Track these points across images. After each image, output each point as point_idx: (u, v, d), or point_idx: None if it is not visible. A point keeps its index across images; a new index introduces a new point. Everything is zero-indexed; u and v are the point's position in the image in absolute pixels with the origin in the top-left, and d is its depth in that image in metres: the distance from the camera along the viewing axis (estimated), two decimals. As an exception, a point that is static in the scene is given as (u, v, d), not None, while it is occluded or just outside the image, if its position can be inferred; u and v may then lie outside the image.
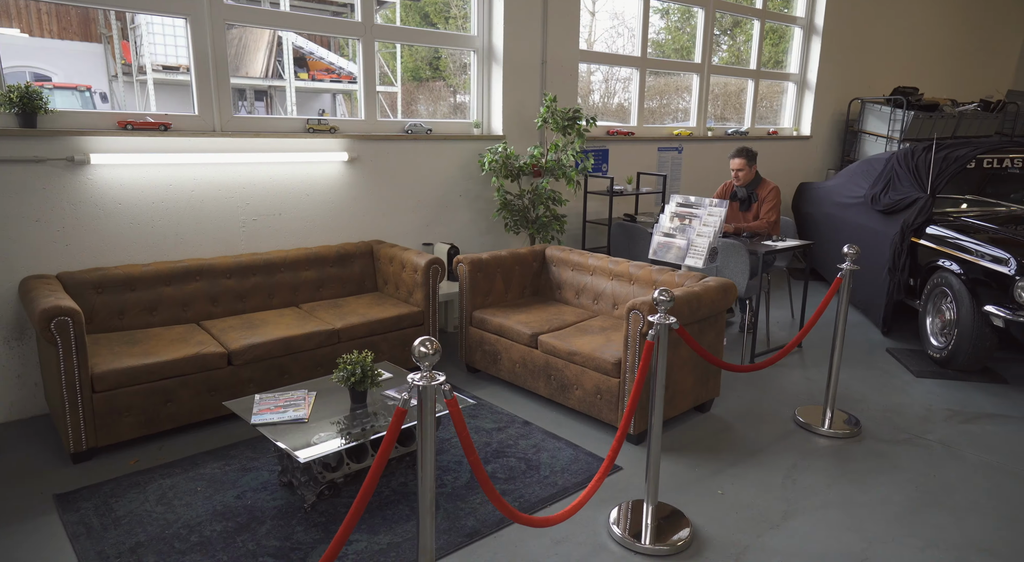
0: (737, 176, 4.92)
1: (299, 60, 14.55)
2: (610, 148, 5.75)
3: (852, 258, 3.34)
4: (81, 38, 12.07)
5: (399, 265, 4.06)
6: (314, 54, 14.43)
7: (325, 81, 14.61)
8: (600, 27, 7.13)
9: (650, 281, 3.73)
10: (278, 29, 3.58)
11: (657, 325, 2.44)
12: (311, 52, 14.41)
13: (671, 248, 3.71)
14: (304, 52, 14.53)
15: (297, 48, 14.05)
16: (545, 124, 4.66)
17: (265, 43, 12.51)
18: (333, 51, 14.78)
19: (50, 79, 11.50)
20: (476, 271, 3.95)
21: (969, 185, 5.24)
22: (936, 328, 4.37)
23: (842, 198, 5.91)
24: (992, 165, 5.15)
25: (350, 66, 14.20)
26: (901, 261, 4.71)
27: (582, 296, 4.06)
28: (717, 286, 3.40)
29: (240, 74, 12.65)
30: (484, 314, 3.89)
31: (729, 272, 4.31)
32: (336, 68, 14.91)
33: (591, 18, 6.81)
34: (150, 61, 10.87)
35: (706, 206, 3.69)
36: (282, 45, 12.55)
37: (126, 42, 11.36)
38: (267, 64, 12.59)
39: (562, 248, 4.25)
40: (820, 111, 7.59)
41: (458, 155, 4.77)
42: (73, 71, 11.85)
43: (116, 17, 11.41)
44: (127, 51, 11.36)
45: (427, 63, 13.35)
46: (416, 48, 13.83)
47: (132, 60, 11.15)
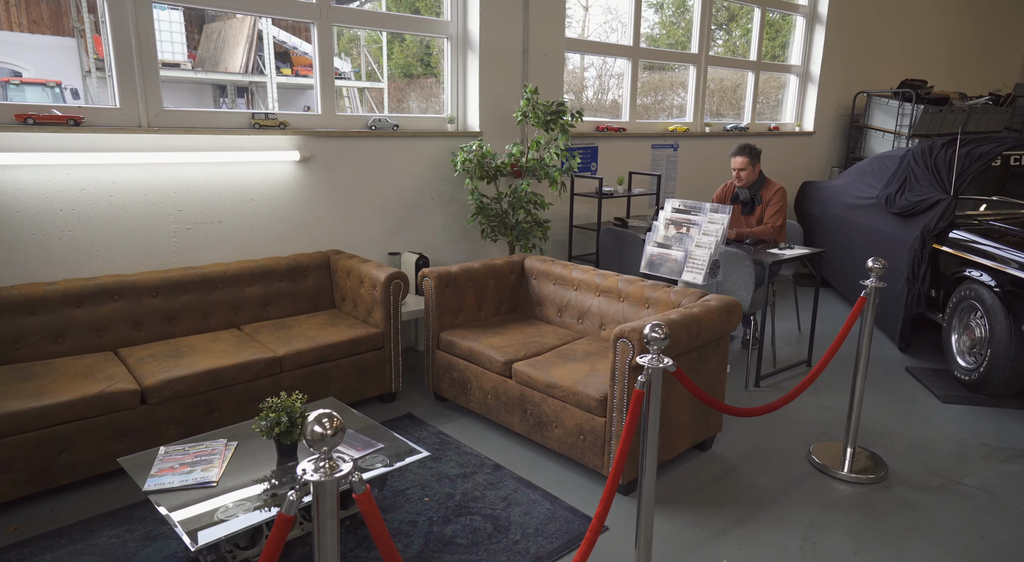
0: (739, 176, 4.39)
1: (282, 55, 13.96)
2: (599, 145, 5.22)
3: (878, 274, 2.82)
4: (53, 31, 11.47)
5: (357, 279, 3.52)
6: (297, 49, 13.85)
7: (309, 77, 14.03)
8: (594, 22, 6.60)
9: (642, 299, 3.20)
10: (216, 8, 3.02)
11: (649, 369, 1.91)
12: (294, 47, 13.82)
13: (666, 261, 3.19)
14: (287, 47, 13.94)
15: (279, 43, 13.46)
16: (525, 119, 4.12)
17: (245, 37, 11.93)
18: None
19: (20, 75, 10.92)
20: (443, 286, 3.42)
21: (988, 184, 4.72)
22: (964, 346, 3.85)
23: (851, 199, 5.39)
24: (1020, 162, 4.63)
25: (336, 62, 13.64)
26: (921, 270, 4.19)
27: (565, 314, 3.53)
28: (720, 307, 2.88)
29: (220, 70, 12.08)
30: (453, 336, 3.36)
31: (731, 285, 3.78)
32: (321, 64, 14.26)
33: (584, 13, 6.31)
34: (122, 56, 10.26)
35: (706, 212, 3.16)
36: (263, 39, 11.97)
37: (98, 36, 10.80)
38: (247, 59, 12.02)
39: (543, 259, 3.72)
40: (824, 105, 7.06)
41: (429, 153, 4.23)
42: (45, 66, 11.26)
43: (88, 9, 10.82)
44: (99, 45, 10.80)
45: (418, 59, 12.81)
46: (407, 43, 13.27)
47: (104, 55, 10.56)
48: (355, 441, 2.38)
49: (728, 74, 6.63)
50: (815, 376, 2.73)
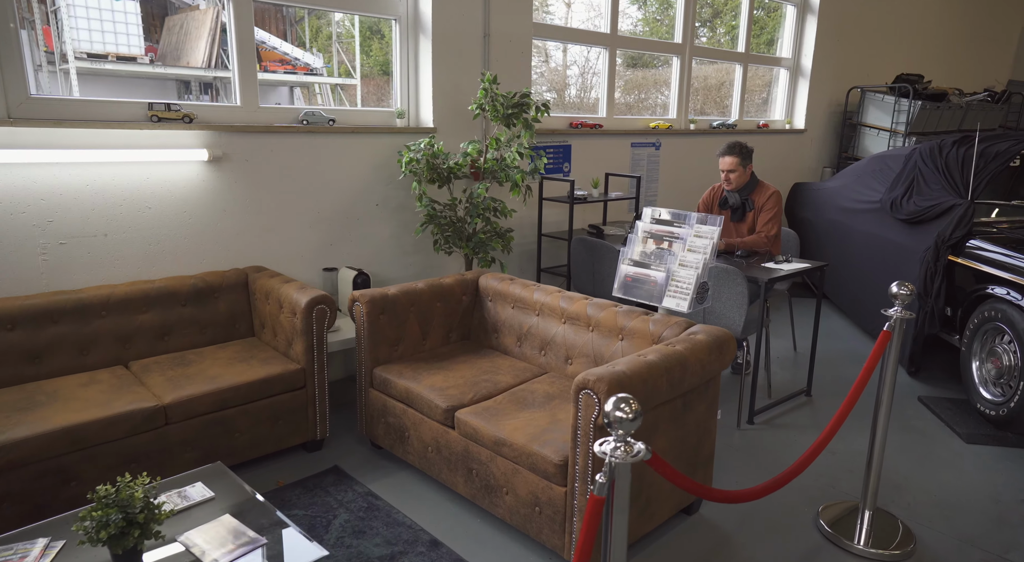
0: (728, 178, 3.81)
1: (251, 50, 13.22)
2: (573, 144, 4.62)
3: (904, 301, 2.24)
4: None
5: (276, 303, 2.90)
6: (266, 44, 13.12)
7: (279, 73, 13.35)
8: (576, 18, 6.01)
9: (615, 328, 2.61)
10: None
11: (612, 462, 1.31)
12: (262, 42, 13.11)
13: (643, 283, 2.60)
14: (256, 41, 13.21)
15: (247, 37, 12.71)
16: (482, 112, 3.51)
17: (207, 30, 11.21)
18: (290, 41, 13.51)
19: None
20: (378, 312, 2.80)
21: (1000, 187, 4.18)
22: (988, 376, 3.30)
23: (850, 202, 4.83)
24: (1041, 163, 4.09)
25: (307, 57, 12.98)
26: (936, 285, 3.63)
27: (526, 343, 2.93)
28: (709, 342, 2.29)
29: (181, 64, 11.35)
30: (388, 373, 2.74)
31: (722, 307, 3.20)
32: (292, 59, 13.64)
33: (567, 9, 5.73)
34: (72, 48, 9.56)
35: (691, 224, 2.58)
36: (227, 33, 11.26)
37: (48, 27, 10.07)
38: (210, 53, 11.32)
39: (500, 276, 3.12)
40: (815, 101, 6.51)
41: (375, 153, 3.61)
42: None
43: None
44: (49, 38, 10.07)
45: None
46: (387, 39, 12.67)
47: (54, 47, 9.87)
48: (227, 536, 1.77)
49: (712, 72, 6.06)
50: (827, 439, 2.14)
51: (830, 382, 3.78)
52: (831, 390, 3.67)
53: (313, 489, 2.60)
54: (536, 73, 5.09)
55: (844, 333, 4.62)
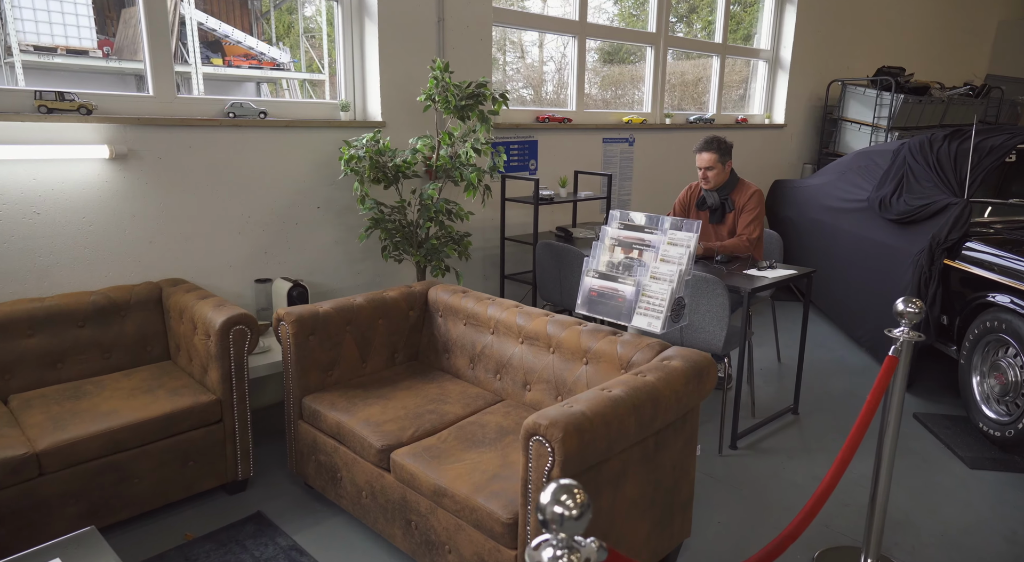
0: (706, 177, 3.47)
1: (213, 44, 12.69)
2: (540, 139, 4.25)
3: (911, 321, 1.91)
4: (-59, 15, 10.06)
5: (190, 323, 2.49)
6: (230, 38, 12.58)
7: (243, 67, 12.81)
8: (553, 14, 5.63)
9: (578, 350, 2.24)
10: None
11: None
12: (226, 35, 12.57)
13: (610, 299, 2.23)
14: (218, 35, 12.67)
15: (209, 30, 12.19)
16: (432, 104, 3.12)
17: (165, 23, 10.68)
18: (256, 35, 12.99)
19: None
20: (307, 333, 2.41)
21: (986, 184, 3.89)
22: (992, 392, 2.99)
23: (834, 201, 4.53)
24: (1038, 158, 3.80)
25: (273, 52, 12.46)
26: (931, 292, 3.32)
27: (479, 365, 2.56)
28: (687, 370, 1.93)
29: (138, 58, 10.84)
30: (319, 403, 2.35)
31: (700, 319, 2.85)
32: (257, 53, 13.11)
33: (543, 4, 5.35)
34: (17, 41, 9.00)
35: (665, 230, 2.22)
36: (185, 25, 10.72)
37: (-9, 19, 9.46)
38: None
39: (452, 288, 2.74)
40: (795, 95, 6.21)
41: (315, 149, 3.21)
42: (-65, 54, 9.84)
43: (-19, -9, 9.47)
44: (-8, 30, 9.46)
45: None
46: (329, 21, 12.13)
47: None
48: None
49: (690, 67, 5.73)
50: (830, 487, 1.78)
51: (817, 397, 3.46)
52: (819, 406, 3.34)
53: (227, 543, 2.20)
54: (512, 69, 4.73)
55: (830, 341, 4.31)
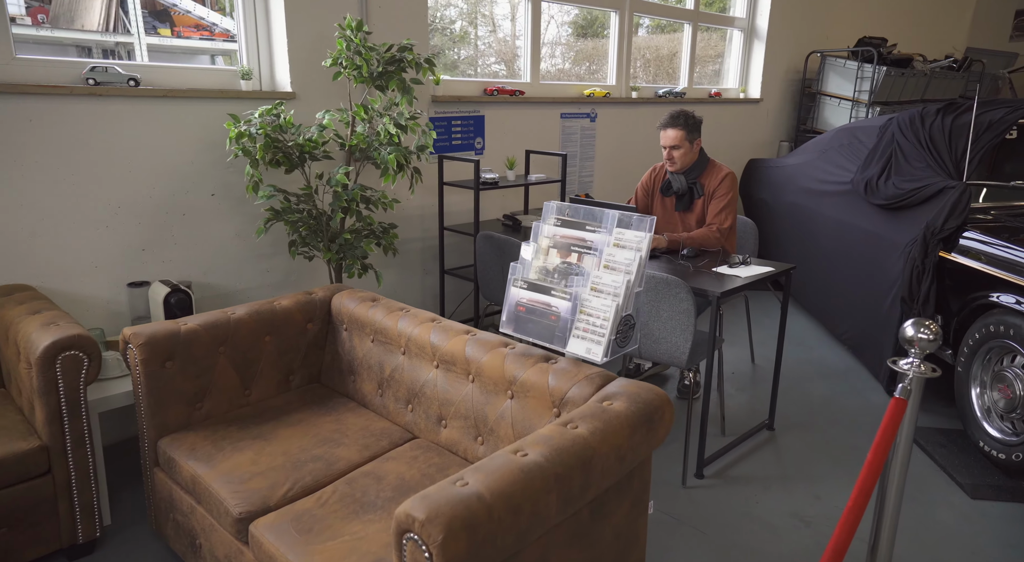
0: (671, 157, 2.98)
1: (161, 14, 11.78)
2: (487, 114, 3.72)
3: (924, 350, 1.45)
4: None
5: (14, 346, 1.96)
6: (178, 7, 11.68)
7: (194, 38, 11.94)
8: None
9: (501, 380, 1.76)
10: None
11: None
12: (174, 4, 11.67)
13: (541, 317, 1.74)
14: (167, 4, 11.77)
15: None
16: (342, 70, 2.58)
17: (100, -11, 9.83)
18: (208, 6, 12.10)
19: None
20: (162, 358, 1.89)
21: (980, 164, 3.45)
22: (995, 406, 2.58)
23: (814, 183, 4.08)
24: (1042, 135, 3.37)
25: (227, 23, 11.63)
26: (924, 288, 2.89)
27: (388, 392, 2.06)
28: (631, 416, 1.46)
29: (76, 27, 9.98)
30: (176, 448, 1.84)
31: (661, 328, 2.39)
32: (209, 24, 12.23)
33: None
34: (-71, 8, 8.14)
35: (610, 228, 1.72)
36: (124, -8, 9.86)
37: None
38: (106, 15, 9.97)
39: (361, 295, 2.23)
40: (772, 67, 5.73)
41: (208, 125, 2.66)
42: None
43: None
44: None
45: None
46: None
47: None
48: None
49: (664, 42, 5.21)
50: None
51: (795, 407, 3.03)
52: (797, 420, 2.92)
53: (53, 634, 1.70)
54: (483, 43, 4.18)
55: (809, 337, 3.89)
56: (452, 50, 4.01)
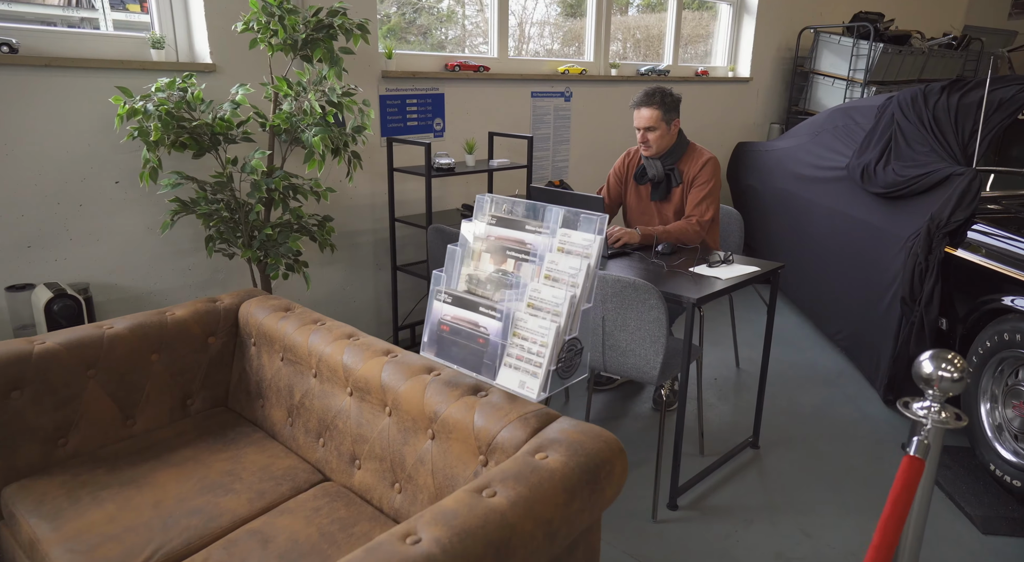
0: (646, 140, 2.63)
1: (127, -10, 11.22)
2: (447, 92, 3.34)
3: (944, 394, 1.12)
4: None
5: None
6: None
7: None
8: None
9: (421, 415, 1.42)
10: None
11: None
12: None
13: (467, 340, 1.40)
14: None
15: (117, -27, 10.70)
16: (255, 35, 2.19)
17: (58, -38, 9.28)
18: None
19: None
20: (8, 388, 1.53)
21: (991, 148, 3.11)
22: (1008, 425, 2.26)
23: (806, 168, 3.73)
24: (1058, 115, 3.03)
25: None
26: (927, 289, 2.56)
27: (299, 422, 1.72)
28: (568, 477, 1.12)
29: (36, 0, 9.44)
30: (23, 497, 1.49)
31: (628, 339, 2.05)
32: None
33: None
34: None
35: (553, 229, 1.38)
36: (83, -35, 9.30)
37: None
38: (65, -10, 9.43)
39: (274, 303, 1.87)
40: (763, 44, 5.35)
41: (107, 103, 2.27)
42: None
43: None
44: None
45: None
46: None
47: None
48: None
49: (654, 22, 4.81)
50: None
51: (783, 420, 2.71)
52: (784, 435, 2.60)
53: None
54: (471, 23, 3.78)
55: (798, 337, 3.57)
56: (439, 30, 3.64)
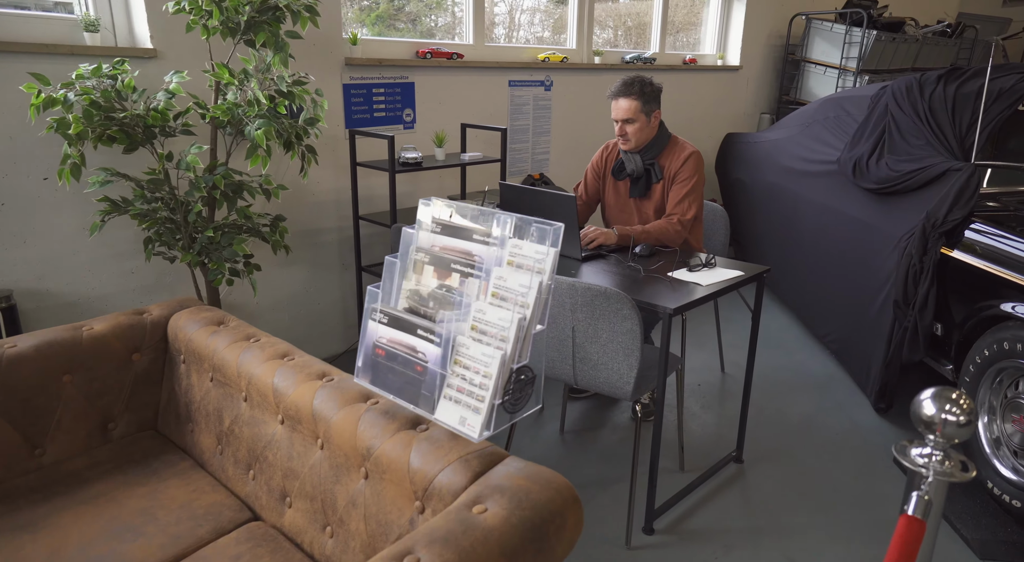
0: (624, 133, 2.44)
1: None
2: (417, 81, 3.14)
3: (948, 440, 0.95)
4: None
5: None
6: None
7: None
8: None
9: (354, 451, 1.24)
10: None
11: None
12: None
13: (406, 368, 1.22)
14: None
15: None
16: (190, 17, 1.99)
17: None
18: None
19: None
20: None
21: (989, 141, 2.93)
22: (1007, 440, 2.11)
23: (796, 161, 3.56)
24: (1060, 107, 2.85)
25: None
26: (922, 292, 2.40)
27: (228, 450, 1.54)
28: (509, 535, 0.94)
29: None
30: (-90, 544, 1.32)
31: (599, 354, 1.88)
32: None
33: None
34: None
35: (503, 235, 1.20)
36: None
37: None
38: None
39: (208, 315, 1.69)
40: (753, 31, 5.16)
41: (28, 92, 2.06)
42: None
43: None
44: None
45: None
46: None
47: None
48: None
49: (646, 8, 4.60)
50: None
51: (769, 430, 2.55)
52: (771, 447, 2.44)
53: None
54: (460, 10, 3.56)
55: (787, 338, 3.41)
56: (428, 17, 3.44)
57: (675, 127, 4.67)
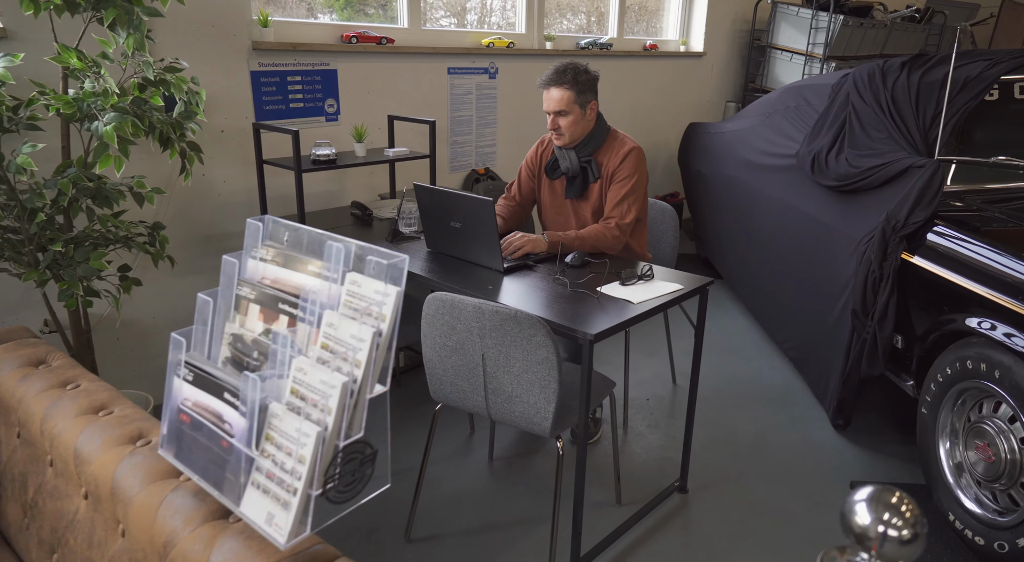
0: (556, 127, 2.16)
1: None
2: (340, 68, 2.82)
3: (889, 557, 0.69)
4: None
5: None
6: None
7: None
8: None
9: (152, 544, 0.96)
10: None
11: None
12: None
13: (211, 441, 0.95)
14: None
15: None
16: (23, -8, 1.66)
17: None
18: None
19: None
20: None
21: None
22: (971, 469, 1.88)
23: (755, 153, 3.31)
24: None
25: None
26: (882, 301, 2.16)
27: (33, 526, 1.24)
28: None
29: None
30: None
31: (513, 385, 1.61)
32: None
33: None
34: None
35: (337, 265, 0.91)
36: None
37: None
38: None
39: (26, 351, 1.38)
40: (717, 16, 4.88)
41: None
42: None
43: None
44: None
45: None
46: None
47: None
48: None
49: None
50: None
51: (718, 453, 2.31)
52: (718, 473, 2.20)
53: None
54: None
55: (745, 344, 3.18)
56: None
57: (635, 116, 4.40)
